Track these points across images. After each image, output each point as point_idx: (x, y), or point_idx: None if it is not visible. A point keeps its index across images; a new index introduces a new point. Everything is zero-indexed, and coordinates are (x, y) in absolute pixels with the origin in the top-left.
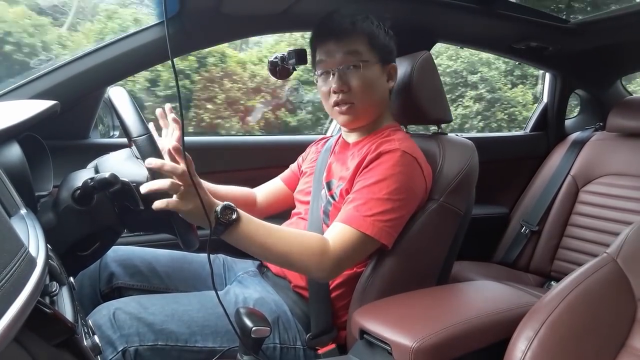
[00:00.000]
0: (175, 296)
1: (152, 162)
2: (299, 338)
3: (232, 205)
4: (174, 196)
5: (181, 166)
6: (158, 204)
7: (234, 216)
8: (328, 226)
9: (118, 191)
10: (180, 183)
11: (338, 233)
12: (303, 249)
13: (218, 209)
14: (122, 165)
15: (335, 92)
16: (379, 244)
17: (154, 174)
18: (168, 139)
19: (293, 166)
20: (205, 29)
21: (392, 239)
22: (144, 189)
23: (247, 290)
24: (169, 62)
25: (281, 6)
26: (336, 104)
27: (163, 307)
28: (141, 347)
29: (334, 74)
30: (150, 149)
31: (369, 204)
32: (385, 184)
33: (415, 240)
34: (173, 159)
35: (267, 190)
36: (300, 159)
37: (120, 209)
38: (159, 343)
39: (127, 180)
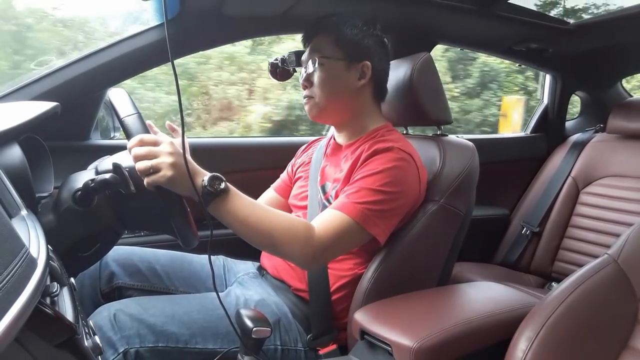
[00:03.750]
0: (176, 297)
1: (131, 142)
2: (300, 340)
3: (221, 176)
4: (164, 171)
5: (163, 138)
6: (147, 181)
7: (222, 186)
8: None
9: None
10: (165, 151)
11: (326, 219)
12: (287, 231)
13: (206, 178)
14: (117, 156)
15: (303, 87)
16: (368, 235)
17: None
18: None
19: (283, 176)
20: (205, 30)
21: (381, 232)
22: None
23: (248, 291)
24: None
25: (281, 8)
26: (304, 97)
27: (164, 308)
28: (142, 348)
29: (305, 70)
30: (139, 127)
31: (361, 192)
32: (379, 176)
33: (416, 241)
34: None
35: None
36: (289, 167)
37: (120, 210)
38: (160, 344)
39: (118, 162)
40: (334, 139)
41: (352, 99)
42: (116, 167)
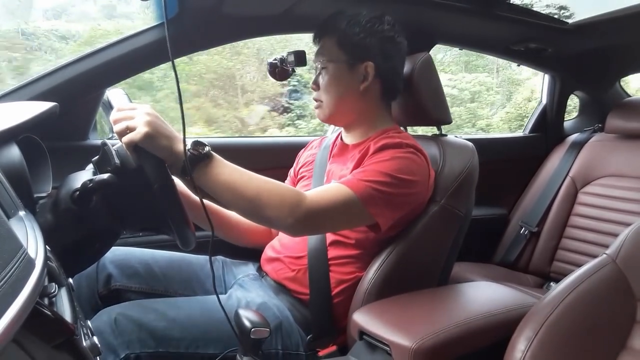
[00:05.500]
0: (177, 301)
1: (112, 112)
2: (301, 344)
3: (203, 141)
4: (139, 128)
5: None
6: (124, 140)
7: (207, 149)
8: None
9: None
10: (141, 112)
11: (322, 187)
12: (274, 193)
13: (189, 142)
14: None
15: (313, 90)
16: (367, 216)
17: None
18: None
19: (288, 182)
20: (205, 30)
21: (382, 215)
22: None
23: (249, 294)
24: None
25: (282, 7)
26: (314, 100)
27: (165, 312)
28: (142, 353)
29: (315, 72)
30: (121, 100)
31: (368, 172)
32: (389, 163)
33: (417, 242)
34: None
35: None
36: (292, 172)
37: (119, 210)
38: (160, 349)
39: (104, 140)
40: (342, 138)
41: (358, 101)
42: (103, 144)
